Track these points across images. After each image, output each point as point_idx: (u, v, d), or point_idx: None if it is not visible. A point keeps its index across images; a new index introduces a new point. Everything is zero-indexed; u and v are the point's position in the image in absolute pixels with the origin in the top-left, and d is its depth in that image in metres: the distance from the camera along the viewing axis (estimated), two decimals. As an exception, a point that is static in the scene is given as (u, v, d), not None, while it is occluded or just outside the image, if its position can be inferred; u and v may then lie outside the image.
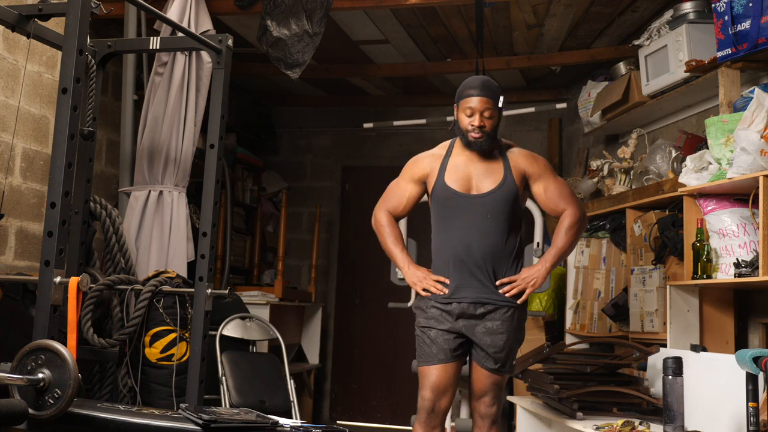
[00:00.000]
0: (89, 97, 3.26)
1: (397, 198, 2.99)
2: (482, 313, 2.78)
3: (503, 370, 2.82)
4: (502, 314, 2.79)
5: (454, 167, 2.87)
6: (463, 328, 2.79)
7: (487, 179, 2.84)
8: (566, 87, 5.67)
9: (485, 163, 2.86)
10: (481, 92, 2.80)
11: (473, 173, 2.86)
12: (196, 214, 4.39)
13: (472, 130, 2.80)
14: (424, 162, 2.95)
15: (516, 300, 2.81)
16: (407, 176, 2.98)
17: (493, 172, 2.85)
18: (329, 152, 6.36)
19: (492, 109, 2.80)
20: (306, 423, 2.17)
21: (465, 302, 2.79)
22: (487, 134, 2.81)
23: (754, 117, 2.75)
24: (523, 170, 2.87)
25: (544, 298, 4.91)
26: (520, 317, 2.86)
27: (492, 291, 2.80)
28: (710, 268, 3.05)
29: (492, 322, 2.78)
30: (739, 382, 2.44)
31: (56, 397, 1.98)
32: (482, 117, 2.79)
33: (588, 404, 3.11)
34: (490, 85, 2.84)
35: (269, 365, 4.12)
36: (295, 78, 3.97)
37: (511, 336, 2.81)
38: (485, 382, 2.82)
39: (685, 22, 3.58)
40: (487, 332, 2.78)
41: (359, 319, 6.16)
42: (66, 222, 2.44)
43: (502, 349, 2.78)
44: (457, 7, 4.25)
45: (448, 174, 2.87)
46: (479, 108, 2.79)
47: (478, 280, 2.80)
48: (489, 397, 2.82)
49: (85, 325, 3.31)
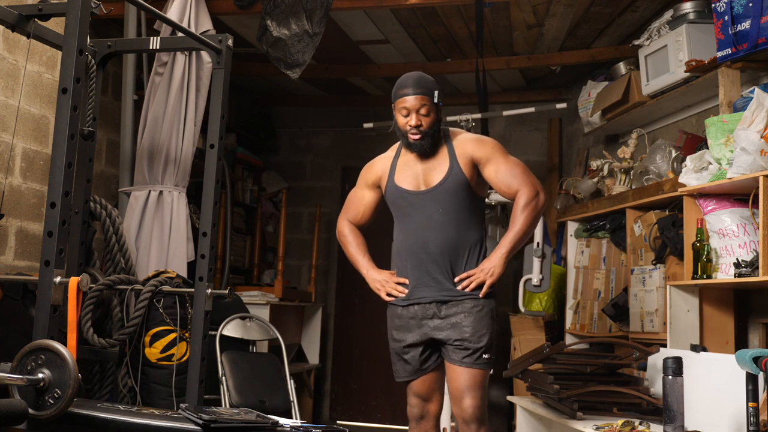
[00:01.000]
0: (89, 97, 3.26)
1: (354, 206, 2.97)
2: (444, 311, 2.70)
3: (476, 363, 2.67)
4: (466, 307, 2.69)
5: (402, 166, 2.82)
6: (431, 332, 2.72)
7: (434, 172, 2.76)
8: (566, 87, 5.67)
9: (432, 157, 2.78)
10: (415, 90, 2.71)
11: (421, 169, 2.78)
12: (196, 214, 4.39)
13: (410, 130, 2.72)
14: (376, 166, 2.92)
15: (477, 293, 2.71)
16: (362, 183, 2.96)
17: (439, 164, 2.76)
18: (329, 152, 6.36)
19: (428, 105, 2.71)
20: (306, 423, 2.17)
21: (424, 302, 2.73)
22: (425, 133, 2.72)
23: (754, 117, 2.75)
24: (470, 156, 2.75)
25: (544, 298, 4.90)
26: (487, 308, 2.73)
27: (451, 288, 2.72)
28: (710, 268, 3.05)
29: (456, 317, 2.69)
30: (739, 382, 2.44)
31: (56, 397, 1.98)
32: (418, 116, 2.70)
33: (588, 404, 3.11)
34: (424, 82, 2.74)
35: (269, 365, 4.12)
36: (295, 78, 3.97)
37: (479, 326, 2.68)
38: (459, 379, 2.68)
39: (685, 22, 3.58)
40: (452, 327, 2.69)
41: (359, 319, 6.16)
42: (66, 222, 2.44)
43: (470, 338, 2.66)
44: (457, 7, 4.25)
45: (397, 174, 2.82)
46: (414, 106, 2.70)
47: (435, 277, 2.72)
48: (469, 398, 2.66)
49: (85, 325, 3.30)
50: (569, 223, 4.73)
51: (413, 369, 2.78)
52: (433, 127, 2.74)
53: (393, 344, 2.84)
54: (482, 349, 2.69)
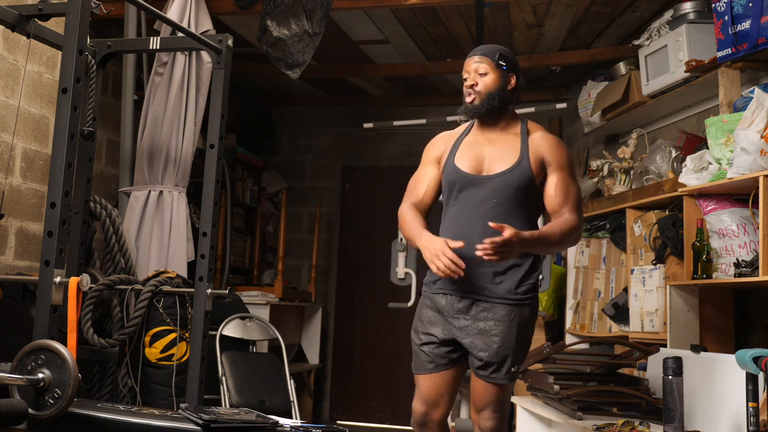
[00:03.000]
0: (89, 97, 3.26)
1: (415, 186, 2.69)
2: (474, 310, 2.49)
3: (500, 379, 2.49)
4: (498, 313, 2.47)
5: (466, 146, 2.61)
6: (456, 331, 2.51)
7: (500, 160, 2.53)
8: (566, 87, 5.67)
9: (501, 143, 2.57)
10: (475, 53, 2.60)
11: (486, 153, 2.56)
12: (196, 214, 4.39)
13: (466, 91, 2.57)
14: (439, 142, 2.71)
15: (513, 298, 2.47)
16: (425, 161, 2.72)
17: (508, 152, 2.54)
18: (329, 152, 6.36)
19: (487, 66, 2.55)
20: (306, 423, 2.17)
21: (456, 295, 2.51)
22: (480, 94, 2.54)
23: (754, 117, 2.75)
24: (542, 155, 2.53)
25: (544, 298, 4.90)
26: (522, 317, 2.51)
27: (488, 288, 2.49)
28: (710, 268, 3.05)
29: (485, 323, 2.48)
30: (739, 382, 2.44)
31: (56, 397, 1.98)
32: (475, 75, 2.56)
33: (588, 404, 3.11)
34: (488, 46, 2.63)
35: (269, 365, 4.12)
36: (295, 78, 3.97)
37: (508, 338, 2.47)
38: (483, 393, 2.53)
39: (685, 22, 3.58)
40: (479, 333, 2.48)
41: (359, 319, 6.16)
42: (66, 222, 2.44)
43: (496, 354, 2.46)
44: (457, 7, 4.25)
45: (459, 154, 2.59)
46: (472, 68, 2.58)
47: (473, 272, 2.47)
48: (489, 411, 2.54)
49: (85, 325, 3.31)
50: (569, 223, 4.72)
51: (432, 360, 2.55)
52: (491, 91, 2.54)
53: (414, 336, 2.62)
54: (510, 362, 2.49)
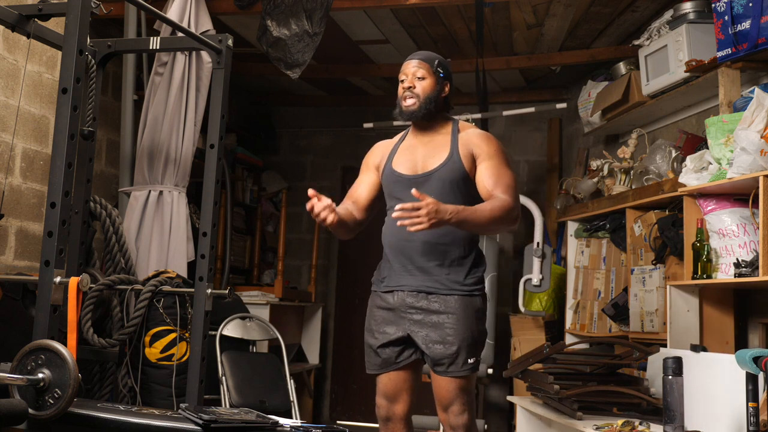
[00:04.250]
0: (89, 97, 3.27)
1: (352, 191, 2.78)
2: (425, 304, 2.54)
3: (459, 372, 2.52)
4: (450, 305, 2.53)
5: (403, 150, 2.72)
6: (410, 326, 2.56)
7: (432, 158, 2.63)
8: (566, 87, 5.67)
9: (433, 143, 2.67)
10: (414, 57, 2.68)
11: (420, 154, 2.67)
12: (196, 214, 4.39)
13: (403, 93, 2.63)
14: (377, 150, 2.83)
15: (462, 289, 2.53)
16: (362, 168, 2.83)
17: (439, 150, 2.64)
18: (329, 152, 6.36)
19: (425, 71, 2.63)
20: (306, 423, 2.17)
21: (405, 290, 2.57)
22: (419, 97, 2.61)
23: (754, 117, 2.75)
24: (471, 148, 2.61)
25: (544, 298, 4.91)
26: (474, 307, 2.56)
27: (437, 279, 2.55)
28: (710, 268, 3.05)
29: (437, 315, 2.53)
30: (739, 382, 2.44)
31: (56, 397, 1.98)
32: (413, 78, 2.62)
33: (588, 404, 3.11)
34: (427, 53, 2.71)
35: (269, 365, 4.12)
36: (295, 78, 3.98)
37: (462, 329, 2.51)
38: (446, 389, 2.54)
39: (685, 22, 3.58)
40: (432, 326, 2.53)
41: (359, 319, 6.10)
42: (66, 222, 2.44)
43: (451, 345, 2.50)
44: (457, 7, 4.25)
45: (396, 158, 2.71)
46: (411, 71, 2.64)
47: (420, 266, 2.57)
48: (456, 406, 2.54)
49: (85, 325, 3.31)
50: (569, 223, 4.73)
51: (384, 362, 2.62)
52: (429, 95, 2.63)
53: (367, 336, 2.66)
54: (466, 354, 2.53)
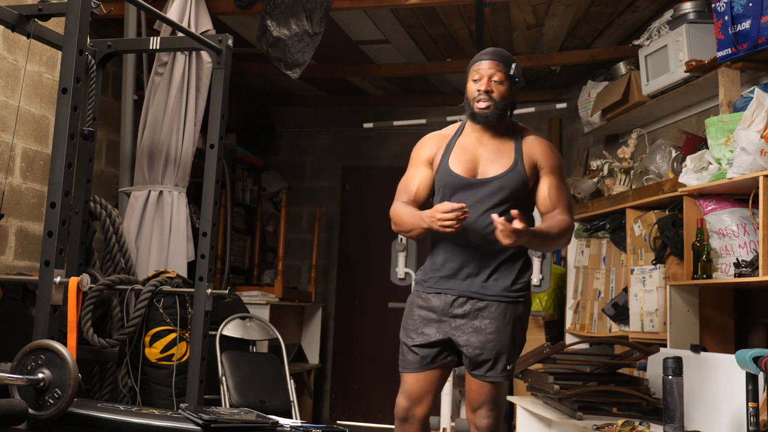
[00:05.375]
0: (89, 97, 3.26)
1: (407, 186, 2.68)
2: (469, 309, 2.52)
3: (495, 377, 2.53)
4: (494, 311, 2.52)
5: (460, 149, 2.62)
6: (452, 330, 2.54)
7: (494, 164, 2.57)
8: (566, 87, 5.67)
9: (495, 146, 2.60)
10: (492, 56, 2.57)
11: (480, 156, 2.59)
12: (196, 214, 4.38)
13: (478, 95, 2.55)
14: (430, 143, 2.70)
15: (507, 295, 2.53)
16: (415, 162, 2.71)
17: (502, 156, 2.58)
18: (329, 152, 6.36)
19: (503, 74, 2.55)
20: (306, 423, 2.17)
21: (450, 294, 2.55)
22: (495, 103, 2.55)
23: (754, 117, 2.75)
24: (535, 159, 2.60)
25: (544, 298, 4.90)
26: (517, 315, 2.56)
27: (483, 286, 2.54)
28: (710, 268, 3.05)
29: (480, 321, 2.52)
30: (739, 382, 2.44)
31: (56, 397, 1.98)
32: (490, 82, 2.54)
33: (588, 404, 3.11)
34: (502, 53, 2.61)
35: (269, 365, 4.12)
36: (295, 78, 3.98)
37: (503, 336, 2.51)
38: (479, 392, 2.56)
39: (685, 22, 3.58)
40: (474, 332, 2.51)
41: (359, 319, 6.16)
42: (66, 222, 2.44)
43: (492, 351, 2.50)
44: (457, 7, 4.25)
45: (453, 156, 2.61)
46: (487, 72, 2.55)
47: (468, 272, 2.55)
48: (484, 409, 2.57)
49: (85, 325, 3.31)
50: (569, 223, 4.72)
51: (419, 360, 2.57)
52: (504, 100, 2.57)
53: (403, 336, 2.62)
54: (505, 360, 2.53)
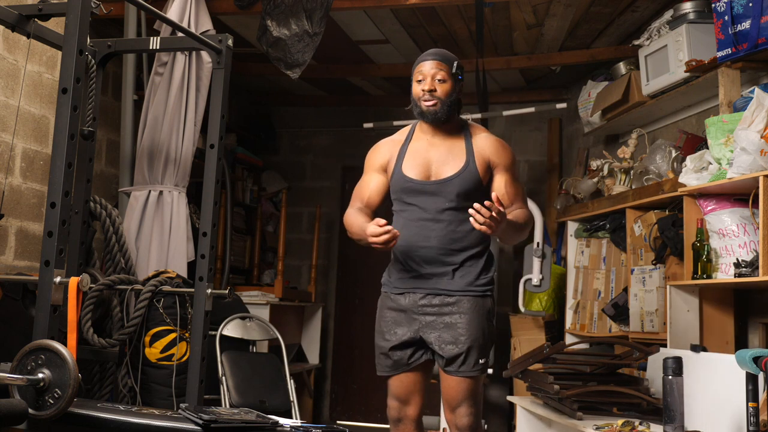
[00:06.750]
0: (89, 97, 3.26)
1: (360, 192, 2.76)
2: (438, 304, 2.57)
3: (469, 372, 2.55)
4: (463, 305, 2.56)
5: (413, 153, 2.67)
6: (422, 328, 2.58)
7: (447, 165, 2.62)
8: (566, 87, 5.67)
9: (446, 147, 2.65)
10: (434, 56, 2.65)
11: (433, 158, 2.64)
12: (196, 214, 4.38)
13: (423, 95, 2.60)
14: (384, 149, 2.77)
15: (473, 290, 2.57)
16: (369, 168, 2.78)
17: (454, 156, 2.63)
18: (329, 152, 6.36)
19: (445, 72, 2.62)
20: (306, 423, 2.17)
21: (417, 292, 2.60)
22: (441, 100, 2.60)
23: (754, 117, 2.75)
24: (488, 158, 2.63)
25: (544, 298, 4.91)
26: (485, 308, 2.60)
27: (450, 282, 2.58)
28: (710, 268, 3.05)
29: (450, 316, 2.56)
30: (739, 382, 2.44)
31: (56, 397, 1.98)
32: (433, 81, 2.60)
33: (588, 404, 3.11)
34: (443, 52, 2.69)
35: (269, 365, 4.12)
36: (295, 78, 3.98)
37: (474, 330, 2.55)
38: (456, 390, 2.57)
39: (685, 22, 3.58)
40: (446, 327, 2.55)
41: (359, 319, 6.16)
42: (66, 222, 2.44)
43: (464, 345, 2.53)
44: (457, 7, 4.25)
45: (406, 161, 2.66)
46: (430, 72, 2.62)
47: (433, 272, 2.59)
48: (464, 407, 2.57)
49: (85, 325, 3.31)
50: (569, 223, 4.73)
51: (395, 364, 2.65)
52: (449, 97, 2.62)
53: (378, 339, 2.68)
54: (477, 355, 2.57)
